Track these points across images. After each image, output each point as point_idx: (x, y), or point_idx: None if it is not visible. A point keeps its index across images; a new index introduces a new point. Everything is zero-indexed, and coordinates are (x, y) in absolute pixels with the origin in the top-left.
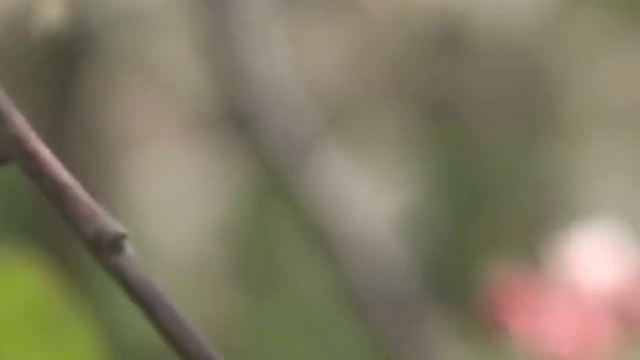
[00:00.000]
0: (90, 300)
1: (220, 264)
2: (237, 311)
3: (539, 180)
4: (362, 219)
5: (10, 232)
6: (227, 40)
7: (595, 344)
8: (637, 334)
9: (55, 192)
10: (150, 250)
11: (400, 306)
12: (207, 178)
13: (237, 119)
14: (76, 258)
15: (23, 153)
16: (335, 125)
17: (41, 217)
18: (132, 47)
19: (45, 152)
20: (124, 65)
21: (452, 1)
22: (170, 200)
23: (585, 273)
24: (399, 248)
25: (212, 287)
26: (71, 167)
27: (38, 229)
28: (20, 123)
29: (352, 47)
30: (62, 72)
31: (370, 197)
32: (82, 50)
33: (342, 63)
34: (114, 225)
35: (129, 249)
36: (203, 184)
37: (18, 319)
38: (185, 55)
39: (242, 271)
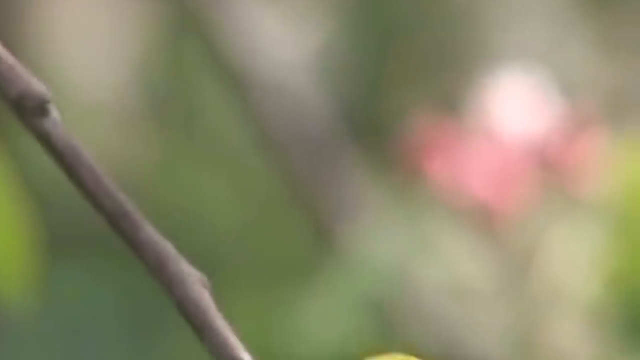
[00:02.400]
0: (13, 159)
1: (137, 106)
2: (153, 152)
3: (457, 22)
4: (278, 60)
5: None
6: None
7: (514, 190)
8: (556, 179)
9: None
10: (69, 94)
11: (316, 146)
12: (125, 21)
13: None
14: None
15: None
16: None
17: None
18: None
19: None
20: None
21: None
22: (87, 43)
23: (505, 118)
24: (314, 89)
25: (129, 128)
26: None
27: None
28: None
29: None
30: None
31: (284, 37)
32: None
33: None
34: (39, 87)
35: (54, 111)
36: (120, 27)
37: None
38: None
39: (159, 113)
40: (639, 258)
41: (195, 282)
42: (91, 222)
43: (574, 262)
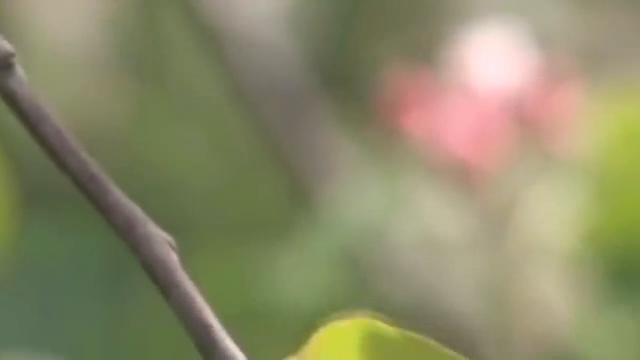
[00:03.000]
0: None
1: (110, 61)
2: (126, 107)
3: None
4: (251, 14)
5: None
6: None
7: (491, 146)
8: (533, 134)
9: None
10: (40, 50)
11: (290, 100)
12: None
13: None
14: None
15: None
16: None
17: None
18: None
19: None
20: None
21: None
22: None
23: (482, 73)
24: (288, 42)
25: (102, 83)
26: None
27: None
28: None
29: None
30: None
31: None
32: None
33: None
34: (3, 44)
35: (19, 70)
36: None
37: None
38: None
39: (131, 65)
40: (616, 212)
41: (162, 243)
42: (66, 181)
43: (551, 217)
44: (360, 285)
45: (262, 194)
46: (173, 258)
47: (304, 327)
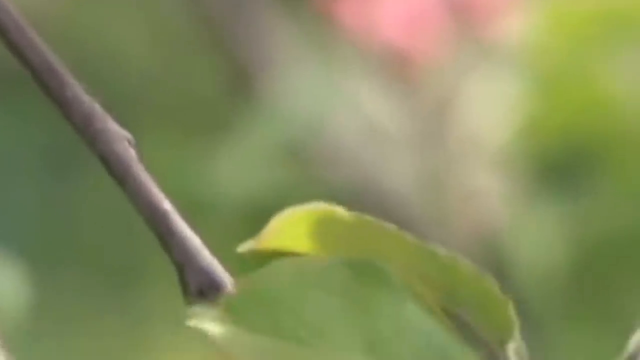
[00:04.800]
0: None
1: None
2: None
3: None
4: None
5: None
6: None
7: (427, 36)
8: (469, 24)
9: None
10: None
11: None
12: None
13: None
14: None
15: None
16: None
17: None
18: None
19: None
20: None
21: None
22: None
23: None
24: None
25: None
26: None
27: None
28: None
29: None
30: None
31: None
32: None
33: None
34: None
35: None
36: None
37: None
38: None
39: None
40: (552, 102)
41: (120, 139)
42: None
43: (488, 107)
44: (302, 177)
45: (203, 84)
46: (131, 152)
47: (246, 220)
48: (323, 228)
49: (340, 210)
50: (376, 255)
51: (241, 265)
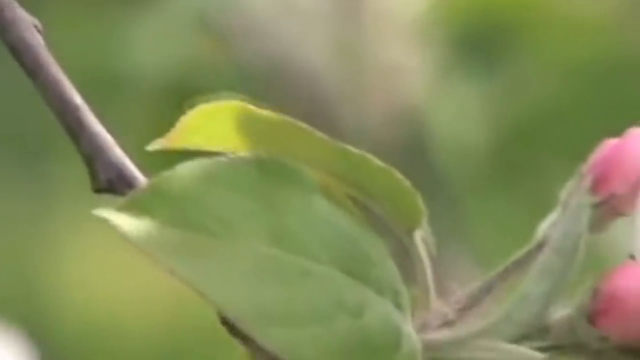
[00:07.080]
0: None
1: None
2: None
3: None
4: None
5: None
6: None
7: None
8: None
9: None
10: None
11: None
12: None
13: None
14: None
15: None
16: None
17: None
18: None
19: None
20: None
21: None
22: None
23: None
24: None
25: None
26: None
27: None
28: None
29: None
30: None
31: None
32: None
33: None
34: None
35: None
36: None
37: None
38: None
39: None
40: None
41: (28, 26)
42: None
43: None
44: (217, 50)
45: None
46: (39, 40)
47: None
48: (237, 126)
49: (254, 108)
50: (290, 152)
51: (155, 159)
